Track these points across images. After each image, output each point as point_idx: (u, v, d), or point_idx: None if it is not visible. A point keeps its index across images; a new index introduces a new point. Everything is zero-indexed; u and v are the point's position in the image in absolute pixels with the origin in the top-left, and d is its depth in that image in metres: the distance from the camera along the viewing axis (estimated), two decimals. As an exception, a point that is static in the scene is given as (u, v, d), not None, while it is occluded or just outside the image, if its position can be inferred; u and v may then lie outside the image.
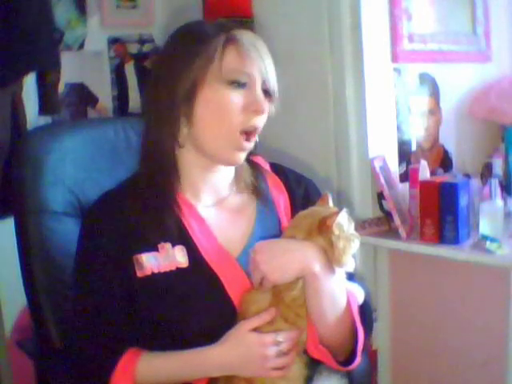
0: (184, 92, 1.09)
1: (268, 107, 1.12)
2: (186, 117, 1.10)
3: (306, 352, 1.11)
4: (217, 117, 1.09)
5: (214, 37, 1.09)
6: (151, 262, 1.10)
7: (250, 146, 1.13)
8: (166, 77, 1.11)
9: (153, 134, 1.14)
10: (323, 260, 1.07)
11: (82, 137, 1.42)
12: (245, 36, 1.11)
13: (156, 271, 1.10)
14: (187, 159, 1.15)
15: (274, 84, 1.12)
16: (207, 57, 1.08)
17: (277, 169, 1.28)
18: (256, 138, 1.14)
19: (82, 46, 2.32)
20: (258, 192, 1.22)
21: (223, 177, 1.19)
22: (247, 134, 1.11)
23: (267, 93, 1.12)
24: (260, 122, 1.12)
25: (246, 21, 2.21)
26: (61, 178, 1.36)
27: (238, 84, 1.08)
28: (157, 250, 1.11)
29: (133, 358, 1.08)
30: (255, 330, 1.07)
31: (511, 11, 2.34)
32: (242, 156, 1.13)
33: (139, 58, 2.48)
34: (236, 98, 1.09)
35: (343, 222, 1.08)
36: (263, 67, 1.10)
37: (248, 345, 1.05)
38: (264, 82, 1.11)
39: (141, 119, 1.19)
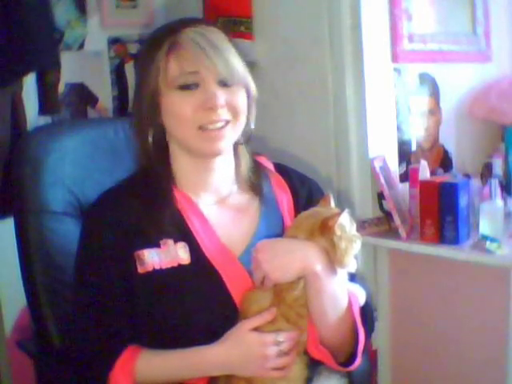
0: (148, 101, 1.13)
1: (227, 98, 1.10)
2: (155, 124, 1.14)
3: (306, 352, 1.11)
4: (174, 122, 1.12)
5: (161, 45, 1.11)
6: (153, 258, 1.10)
7: (220, 134, 1.12)
8: (136, 87, 1.17)
9: (134, 139, 1.18)
10: (325, 260, 1.07)
11: (81, 137, 1.43)
12: (186, 36, 1.10)
13: (158, 267, 1.10)
14: (182, 159, 1.17)
15: (229, 72, 1.10)
16: (156, 68, 1.11)
17: (281, 169, 1.29)
18: (236, 128, 1.14)
19: (82, 46, 2.32)
20: (258, 191, 1.22)
21: (221, 175, 1.19)
22: (207, 124, 1.11)
23: (225, 83, 1.11)
24: (223, 114, 1.11)
25: (245, 21, 2.21)
26: (61, 178, 1.36)
27: (187, 86, 1.10)
28: (159, 246, 1.11)
29: (132, 356, 1.08)
30: (256, 329, 1.07)
31: (511, 11, 2.34)
32: (218, 145, 1.12)
33: (139, 58, 2.48)
34: (187, 101, 1.10)
35: (345, 222, 1.08)
36: (210, 63, 1.09)
37: (248, 344, 1.05)
38: (218, 76, 1.10)
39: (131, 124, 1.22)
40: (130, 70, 2.47)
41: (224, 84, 1.11)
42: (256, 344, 1.05)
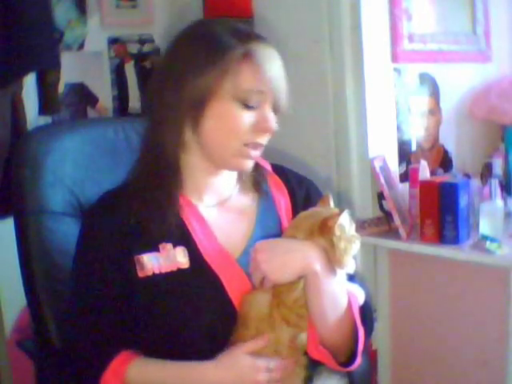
0: (193, 99, 1.07)
1: (276, 124, 1.11)
2: (192, 123, 1.09)
3: (306, 353, 1.11)
4: (224, 132, 1.09)
5: (232, 48, 1.06)
6: (152, 263, 1.10)
7: (256, 153, 1.13)
8: (176, 78, 1.08)
9: (156, 135, 1.12)
10: (324, 260, 1.07)
11: (81, 137, 1.42)
12: (262, 52, 1.08)
13: (157, 272, 1.10)
14: (192, 162, 1.14)
15: (284, 101, 1.12)
16: (223, 69, 1.05)
17: (278, 170, 1.28)
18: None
19: (82, 46, 2.32)
20: (261, 190, 1.21)
21: (226, 179, 1.19)
22: (253, 145, 1.11)
23: (277, 109, 1.11)
24: (264, 140, 1.12)
25: (245, 21, 2.21)
26: (61, 178, 1.36)
27: (249, 103, 1.07)
28: (158, 250, 1.11)
29: (126, 360, 1.08)
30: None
31: (511, 11, 2.34)
32: (250, 163, 1.14)
33: (139, 58, 2.48)
34: (247, 118, 1.08)
35: (345, 223, 1.08)
36: (277, 86, 1.09)
37: (241, 368, 1.05)
38: (275, 101, 1.10)
39: (141, 119, 1.19)
40: (129, 69, 2.47)
41: (273, 109, 1.11)
42: (248, 369, 1.05)
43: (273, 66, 1.08)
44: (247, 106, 1.07)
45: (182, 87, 1.07)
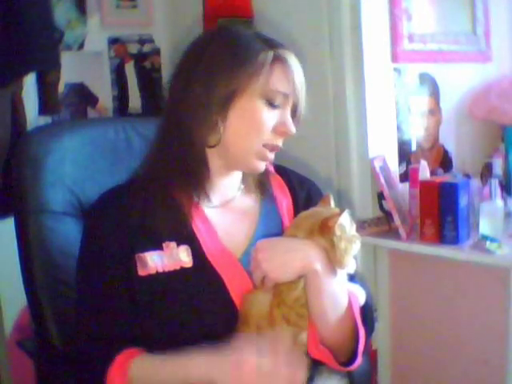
0: (222, 97, 1.09)
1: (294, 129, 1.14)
2: (221, 119, 1.10)
3: (306, 352, 1.11)
4: (248, 128, 1.11)
5: (263, 51, 1.10)
6: (156, 261, 1.10)
7: (271, 156, 1.15)
8: (206, 76, 1.10)
9: (184, 133, 1.12)
10: (324, 259, 1.07)
11: (81, 137, 1.42)
12: (290, 57, 1.12)
13: (160, 270, 1.10)
14: (209, 162, 1.15)
15: (303, 109, 1.15)
16: (254, 70, 1.08)
17: (280, 170, 1.29)
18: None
19: (82, 46, 2.32)
20: (264, 191, 1.22)
21: (232, 180, 1.20)
22: (271, 147, 1.13)
23: (293, 114, 1.14)
24: (281, 142, 1.15)
25: (245, 21, 2.21)
26: (61, 177, 1.36)
27: (274, 102, 1.10)
28: (161, 248, 1.11)
29: (129, 357, 1.08)
30: (257, 331, 1.07)
31: (511, 11, 2.34)
32: (263, 165, 1.15)
33: (139, 58, 2.48)
34: (270, 117, 1.11)
35: (345, 223, 1.08)
36: (300, 92, 1.13)
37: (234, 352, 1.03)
38: (294, 105, 1.13)
39: (141, 119, 1.19)
40: (129, 69, 2.47)
41: (291, 115, 1.14)
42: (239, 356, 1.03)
43: (299, 72, 1.13)
44: (272, 106, 1.10)
45: (212, 86, 1.09)
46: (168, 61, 2.49)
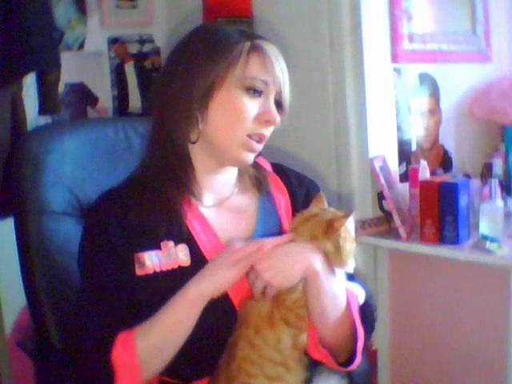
0: (201, 90, 1.09)
1: (279, 119, 1.13)
2: (200, 114, 1.10)
3: (306, 353, 1.11)
4: (229, 119, 1.10)
5: (239, 42, 1.10)
6: (153, 261, 1.10)
7: (259, 147, 1.14)
8: (185, 72, 1.11)
9: (165, 132, 1.13)
10: (323, 259, 1.07)
11: (81, 137, 1.42)
12: (268, 46, 1.12)
13: (158, 269, 1.10)
14: (194, 159, 1.15)
15: (287, 97, 1.14)
16: (231, 60, 1.09)
17: (278, 169, 1.28)
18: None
19: (82, 46, 2.32)
20: (261, 190, 1.22)
21: (226, 178, 1.19)
22: (257, 137, 1.12)
23: (279, 104, 1.13)
24: (268, 131, 1.14)
25: (245, 21, 2.21)
26: (61, 178, 1.36)
27: (254, 91, 1.10)
28: (159, 248, 1.11)
29: (130, 332, 1.07)
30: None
31: (511, 11, 2.34)
32: (251, 156, 1.14)
33: (139, 58, 2.48)
34: (252, 106, 1.10)
35: (350, 224, 1.08)
36: (282, 80, 1.12)
37: (222, 253, 1.08)
38: (278, 94, 1.13)
39: (141, 119, 1.19)
40: (129, 69, 2.47)
41: (276, 104, 1.13)
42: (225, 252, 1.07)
43: (279, 60, 1.12)
44: (252, 94, 1.10)
45: (190, 81, 1.10)
46: (168, 61, 2.49)
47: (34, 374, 1.43)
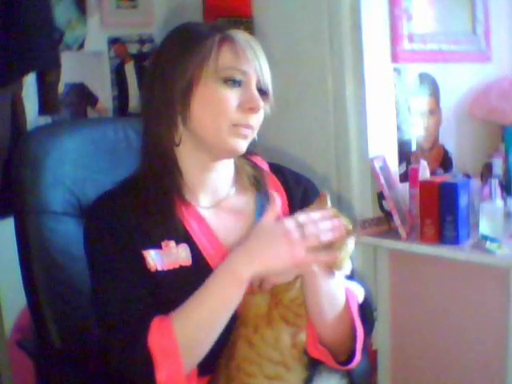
0: (180, 90, 1.10)
1: (263, 106, 1.12)
2: (182, 114, 1.11)
3: (305, 352, 1.11)
4: (212, 113, 1.10)
5: (210, 35, 1.10)
6: (155, 260, 1.10)
7: (248, 132, 1.12)
8: (162, 75, 1.12)
9: (151, 133, 1.14)
10: None
11: (81, 137, 1.42)
12: (240, 35, 1.12)
13: (160, 269, 1.10)
14: (184, 158, 1.15)
15: (268, 83, 1.13)
16: (203, 55, 1.09)
17: (275, 169, 1.28)
18: (254, 135, 1.14)
19: (82, 46, 2.32)
20: (259, 190, 1.21)
21: (221, 177, 1.19)
22: (244, 126, 1.10)
23: (262, 91, 1.12)
24: (255, 120, 1.12)
25: (245, 21, 2.21)
26: (61, 178, 1.36)
27: (233, 82, 1.09)
28: (160, 247, 1.11)
29: (164, 317, 1.04)
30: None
31: (511, 11, 2.34)
32: (242, 143, 1.12)
33: (139, 58, 2.48)
34: (231, 95, 1.09)
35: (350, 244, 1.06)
36: (258, 66, 1.11)
37: (270, 231, 1.02)
38: (259, 81, 1.11)
39: (141, 119, 1.19)
40: (129, 69, 2.47)
41: (259, 91, 1.12)
42: (279, 229, 1.02)
43: (253, 47, 1.11)
44: (231, 85, 1.09)
45: (168, 81, 1.10)
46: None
47: (34, 374, 1.43)
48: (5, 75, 1.86)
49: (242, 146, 1.12)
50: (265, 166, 1.27)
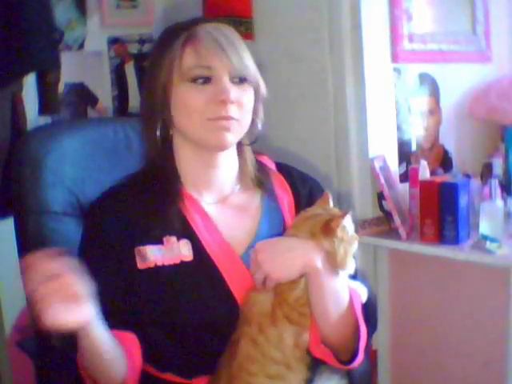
0: (159, 93, 1.13)
1: (237, 95, 1.10)
2: (164, 117, 1.14)
3: (307, 352, 1.11)
4: (186, 113, 1.11)
5: (176, 37, 1.12)
6: (155, 255, 1.10)
7: (229, 124, 1.11)
8: (147, 78, 1.17)
9: (145, 133, 1.18)
10: (324, 257, 1.07)
11: (81, 137, 1.42)
12: (204, 30, 1.11)
13: (160, 264, 1.10)
14: (186, 155, 1.17)
15: (243, 69, 1.11)
16: (170, 59, 1.11)
17: (282, 168, 1.28)
18: (243, 126, 1.14)
19: (82, 46, 2.32)
20: (264, 188, 1.22)
21: (224, 173, 1.19)
22: (221, 118, 1.10)
23: (241, 80, 1.12)
24: (234, 111, 1.10)
25: (245, 21, 2.21)
26: (61, 178, 1.36)
27: (201, 80, 1.10)
28: (162, 242, 1.11)
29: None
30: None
31: (511, 11, 2.34)
32: (227, 135, 1.11)
33: (139, 58, 2.48)
34: (200, 95, 1.10)
35: (347, 224, 1.08)
36: (225, 57, 1.10)
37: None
38: (231, 71, 1.10)
39: (140, 119, 1.21)
40: (130, 69, 2.47)
41: (235, 81, 1.11)
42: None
43: (217, 39, 1.10)
44: (200, 83, 1.10)
45: (150, 84, 1.15)
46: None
47: (34, 374, 1.43)
48: (5, 75, 1.86)
49: (226, 137, 1.12)
50: (272, 166, 1.28)
